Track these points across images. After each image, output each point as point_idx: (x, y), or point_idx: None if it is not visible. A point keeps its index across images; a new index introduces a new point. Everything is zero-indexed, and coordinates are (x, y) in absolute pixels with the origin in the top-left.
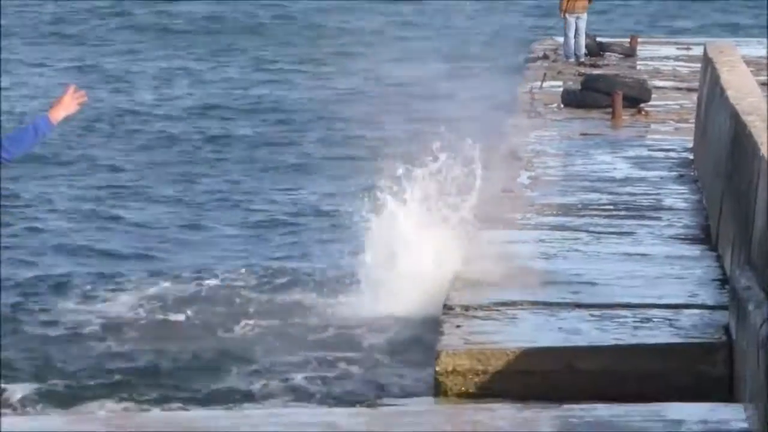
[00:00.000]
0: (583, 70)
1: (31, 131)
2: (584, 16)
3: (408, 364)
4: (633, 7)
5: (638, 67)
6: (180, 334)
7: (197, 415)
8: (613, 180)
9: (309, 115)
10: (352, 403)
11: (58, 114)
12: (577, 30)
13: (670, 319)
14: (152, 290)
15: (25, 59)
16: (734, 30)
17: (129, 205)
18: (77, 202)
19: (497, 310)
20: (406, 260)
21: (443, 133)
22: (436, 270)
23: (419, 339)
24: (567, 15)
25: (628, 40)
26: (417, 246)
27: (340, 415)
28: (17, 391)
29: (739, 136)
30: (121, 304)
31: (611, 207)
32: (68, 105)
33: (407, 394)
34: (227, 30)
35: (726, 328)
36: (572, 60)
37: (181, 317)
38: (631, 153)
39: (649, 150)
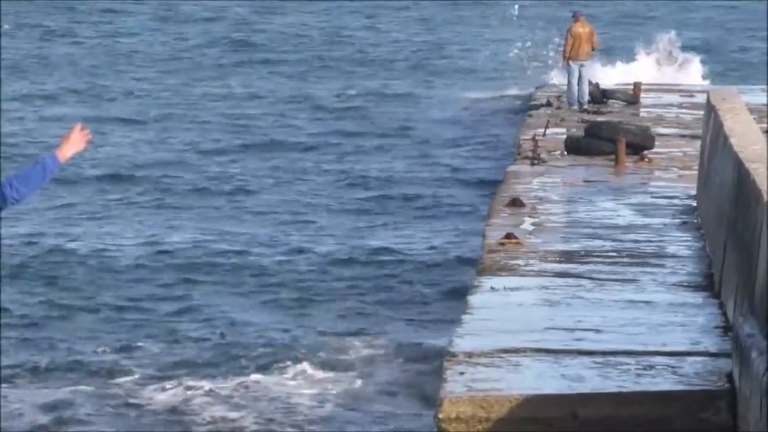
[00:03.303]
0: (586, 117)
1: (39, 170)
2: (587, 63)
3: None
4: None
5: (641, 114)
6: None
7: None
8: (616, 227)
9: None
10: None
11: (66, 151)
12: (580, 77)
13: (673, 367)
14: None
15: None
16: None
17: None
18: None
19: (500, 357)
20: None
21: None
22: None
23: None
24: (570, 62)
25: (632, 87)
26: None
27: None
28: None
29: (743, 183)
30: None
31: (614, 254)
32: (76, 142)
33: None
34: None
35: (729, 376)
36: (575, 107)
37: None
38: (635, 200)
39: (653, 197)
